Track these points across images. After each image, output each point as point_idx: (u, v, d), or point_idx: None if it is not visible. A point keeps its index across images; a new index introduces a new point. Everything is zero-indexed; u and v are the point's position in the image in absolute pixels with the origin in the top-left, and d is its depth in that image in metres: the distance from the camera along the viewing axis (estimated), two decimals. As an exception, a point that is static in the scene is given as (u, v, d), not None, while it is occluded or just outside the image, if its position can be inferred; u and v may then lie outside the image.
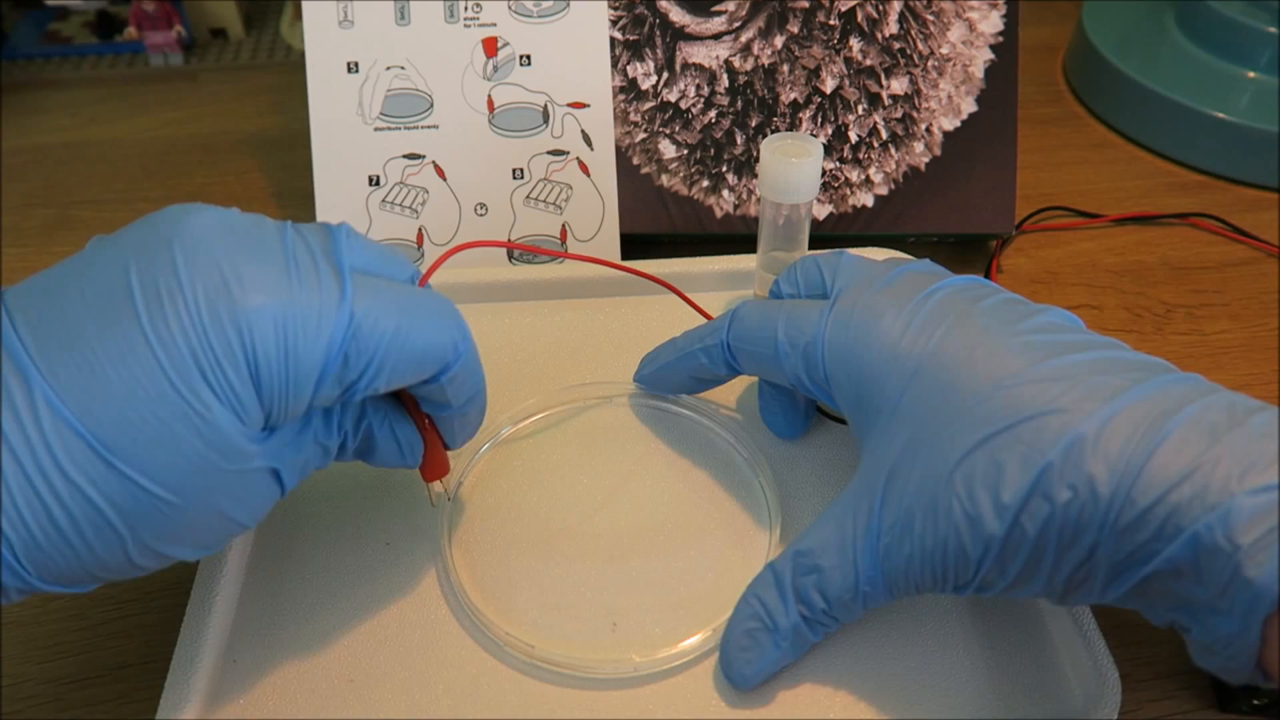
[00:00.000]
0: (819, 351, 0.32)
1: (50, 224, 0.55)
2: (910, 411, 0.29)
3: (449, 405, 0.31)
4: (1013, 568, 0.27)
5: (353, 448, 0.31)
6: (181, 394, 0.24)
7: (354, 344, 0.26)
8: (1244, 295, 0.50)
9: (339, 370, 0.26)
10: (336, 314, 0.25)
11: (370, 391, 0.27)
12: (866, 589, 0.29)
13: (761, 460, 0.38)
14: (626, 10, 0.48)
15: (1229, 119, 0.56)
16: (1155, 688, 0.33)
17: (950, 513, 0.27)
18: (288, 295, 0.25)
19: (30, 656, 0.34)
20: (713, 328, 0.37)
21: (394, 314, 0.27)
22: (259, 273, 0.25)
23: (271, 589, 0.34)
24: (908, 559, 0.28)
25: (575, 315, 0.45)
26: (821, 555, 0.30)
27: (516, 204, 0.48)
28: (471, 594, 0.34)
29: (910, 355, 0.29)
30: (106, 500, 0.23)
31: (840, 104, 0.49)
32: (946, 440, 0.28)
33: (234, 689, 0.32)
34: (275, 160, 0.59)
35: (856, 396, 0.31)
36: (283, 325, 0.25)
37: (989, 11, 0.49)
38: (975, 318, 0.29)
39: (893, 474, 0.29)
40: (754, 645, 0.31)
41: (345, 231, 0.28)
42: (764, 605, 0.31)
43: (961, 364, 0.28)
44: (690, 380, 0.39)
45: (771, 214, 0.40)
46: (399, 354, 0.27)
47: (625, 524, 0.36)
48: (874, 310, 0.31)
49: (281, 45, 0.70)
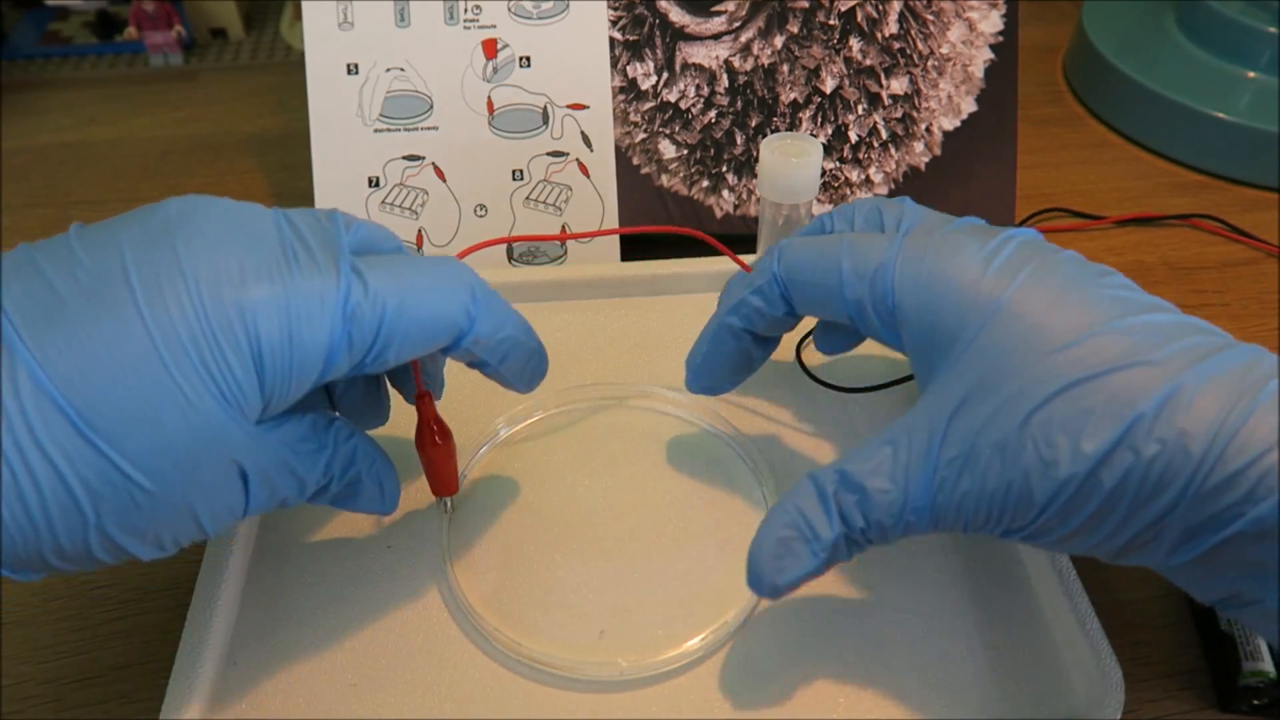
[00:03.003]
0: (889, 279, 0.30)
1: (50, 224, 0.55)
2: (987, 348, 0.28)
3: (486, 363, 0.31)
4: (1076, 519, 0.26)
5: (335, 491, 0.30)
6: (175, 379, 0.23)
7: (356, 325, 0.26)
8: (1244, 295, 0.49)
9: (346, 351, 0.26)
10: (336, 297, 0.26)
11: (381, 367, 0.27)
12: (911, 518, 0.28)
13: (761, 461, 0.38)
14: (626, 10, 0.48)
15: (1229, 119, 0.56)
16: (1155, 688, 0.33)
17: (1021, 455, 0.26)
18: (288, 282, 0.25)
19: (30, 656, 0.34)
20: (759, 269, 0.34)
21: (395, 290, 0.27)
22: (259, 261, 0.25)
23: (273, 592, 0.34)
24: (964, 495, 0.27)
25: (575, 316, 0.45)
26: (870, 477, 0.28)
27: (516, 205, 0.48)
28: (472, 598, 0.34)
29: (992, 292, 0.28)
30: (78, 478, 0.23)
31: (840, 104, 0.49)
32: (1027, 381, 0.27)
33: (236, 692, 0.32)
34: (275, 160, 0.59)
35: (927, 328, 0.30)
36: (285, 312, 0.25)
37: (989, 11, 0.49)
38: (1059, 265, 0.29)
39: (961, 409, 0.28)
40: (789, 554, 0.29)
41: (339, 213, 0.28)
42: (804, 515, 0.29)
43: (1050, 306, 0.27)
44: (743, 346, 0.35)
45: (771, 214, 0.40)
46: (405, 329, 0.27)
47: (627, 525, 0.36)
48: (952, 244, 0.30)
49: (281, 45, 0.70)
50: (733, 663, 0.32)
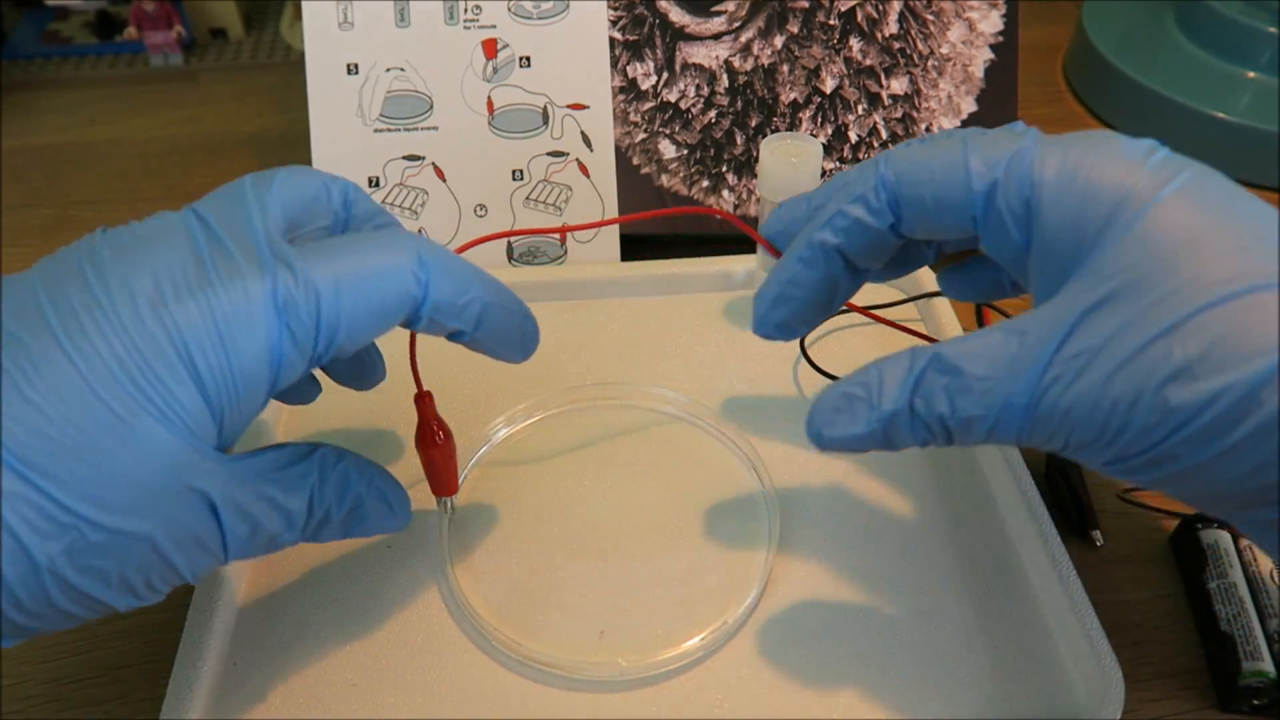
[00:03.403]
0: (1028, 162, 0.26)
1: (50, 224, 0.55)
2: (1143, 242, 0.24)
3: (462, 332, 0.29)
4: (1215, 446, 0.23)
5: (339, 519, 0.29)
6: (107, 404, 0.22)
7: (292, 316, 0.24)
8: (1244, 295, 0.49)
9: (291, 347, 0.25)
10: (262, 291, 0.24)
11: (341, 354, 0.26)
12: (1002, 415, 0.25)
13: (761, 461, 0.38)
14: (626, 10, 0.48)
15: (1229, 119, 0.56)
16: (1155, 688, 0.33)
17: (1165, 362, 0.23)
18: (207, 289, 0.24)
19: (30, 656, 0.34)
20: (858, 178, 0.30)
21: (328, 269, 0.25)
22: (174, 272, 0.24)
23: (273, 592, 0.34)
24: (1076, 400, 0.24)
25: (575, 316, 0.45)
26: (969, 362, 0.26)
27: (516, 205, 0.48)
28: (472, 598, 0.34)
29: (1150, 185, 0.25)
30: (19, 518, 0.22)
31: (840, 104, 0.49)
32: (1187, 283, 0.23)
33: (236, 692, 0.32)
34: (275, 160, 0.59)
35: (1070, 220, 0.26)
36: (210, 319, 0.23)
37: (989, 11, 0.49)
38: (1218, 177, 0.26)
39: (1100, 305, 0.24)
40: (847, 409, 0.27)
41: (254, 196, 0.26)
42: (880, 379, 0.27)
43: (1215, 209, 0.24)
44: (832, 273, 0.31)
45: (771, 214, 0.40)
46: (349, 309, 0.25)
47: (627, 526, 0.36)
48: (1098, 136, 0.27)
49: (281, 45, 0.70)
50: (733, 663, 0.32)
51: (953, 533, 0.36)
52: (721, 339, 0.44)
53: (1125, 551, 0.37)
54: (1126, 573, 0.36)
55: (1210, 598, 0.34)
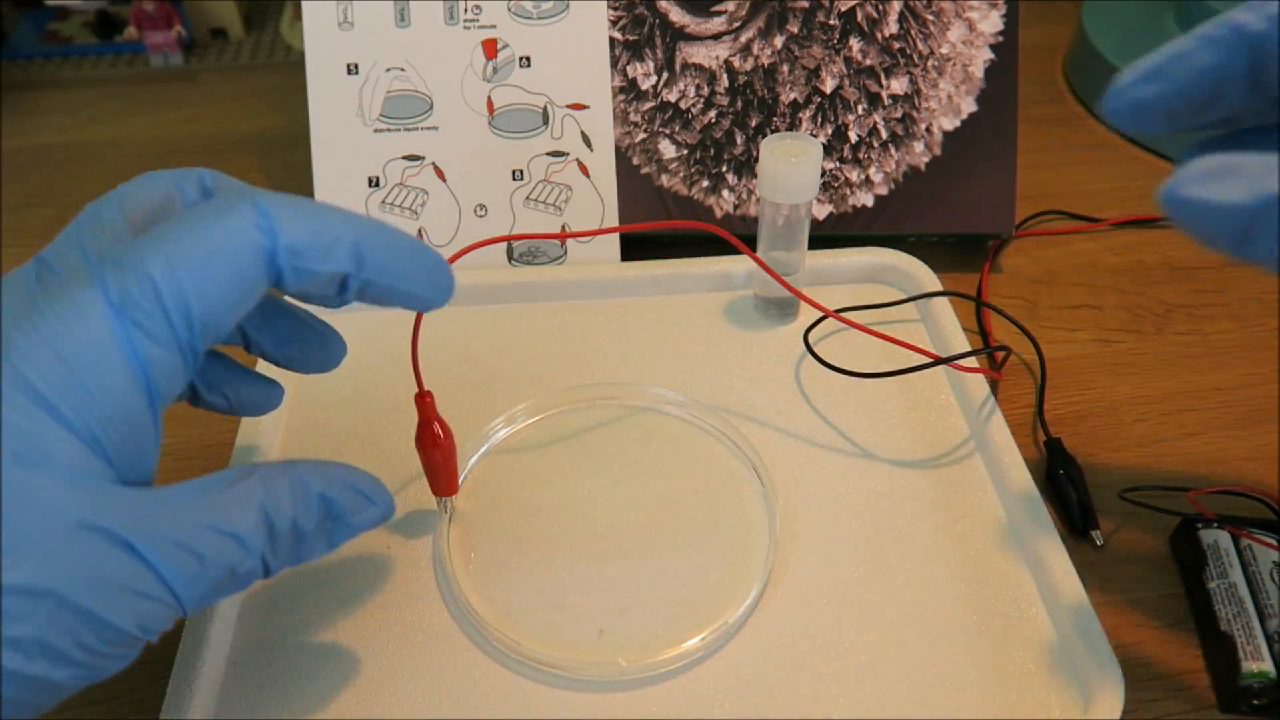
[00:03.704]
0: None
1: (50, 224, 0.55)
2: None
3: (350, 277, 0.25)
4: None
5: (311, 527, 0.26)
6: None
7: (133, 308, 0.22)
8: (1244, 295, 0.49)
9: (145, 341, 0.22)
10: (93, 294, 0.22)
11: (218, 337, 0.24)
12: None
13: (761, 461, 0.38)
14: (626, 10, 0.48)
15: (1229, 119, 0.56)
16: (1155, 688, 0.33)
17: None
18: (34, 314, 0.22)
19: (30, 657, 0.34)
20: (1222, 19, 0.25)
21: (154, 248, 0.23)
22: (7, 318, 0.22)
23: (273, 592, 0.34)
24: None
25: (575, 316, 0.45)
26: None
27: (516, 205, 0.48)
28: (472, 598, 0.34)
29: None
30: None
31: (840, 104, 0.49)
32: None
33: (236, 692, 0.32)
34: (275, 160, 0.59)
35: None
36: (43, 343, 0.22)
37: (989, 11, 0.49)
38: None
39: None
40: (1227, 176, 0.22)
41: (88, 216, 0.25)
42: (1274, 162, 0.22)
43: None
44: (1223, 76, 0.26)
45: (771, 214, 0.40)
46: (191, 280, 0.23)
47: (627, 525, 0.36)
48: None
49: (281, 45, 0.70)
50: (733, 663, 0.32)
51: (953, 532, 0.36)
52: (721, 339, 0.44)
53: (1125, 551, 0.37)
54: (1126, 573, 0.36)
55: (1210, 598, 0.34)
